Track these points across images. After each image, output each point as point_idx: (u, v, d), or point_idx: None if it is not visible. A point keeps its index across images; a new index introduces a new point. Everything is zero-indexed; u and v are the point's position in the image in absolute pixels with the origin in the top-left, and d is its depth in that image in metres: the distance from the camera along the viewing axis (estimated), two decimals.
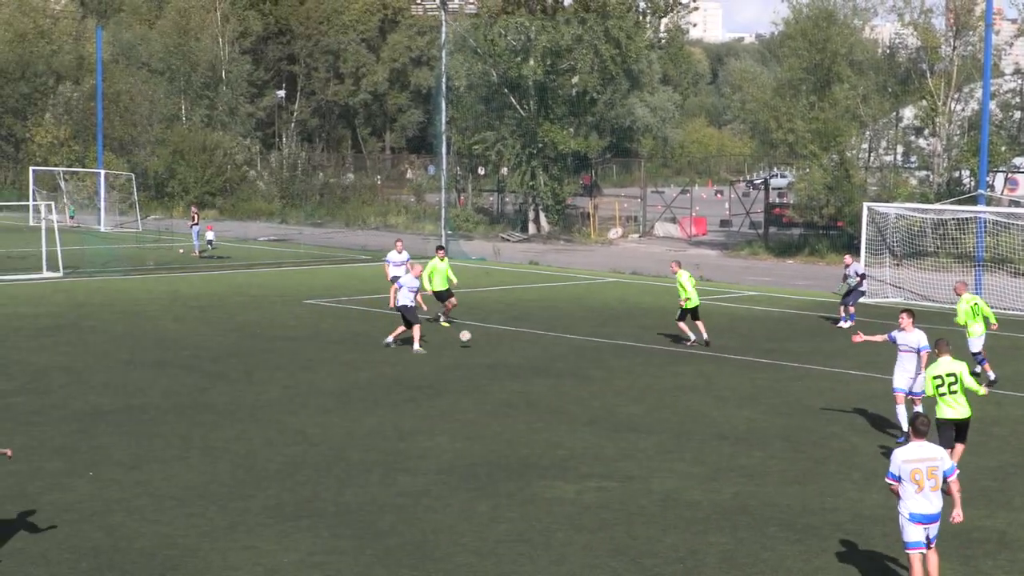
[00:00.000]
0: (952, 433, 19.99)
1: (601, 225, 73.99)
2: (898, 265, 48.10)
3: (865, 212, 47.06)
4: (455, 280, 37.13)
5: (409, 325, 32.48)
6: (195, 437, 22.72)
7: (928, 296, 44.52)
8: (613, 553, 16.73)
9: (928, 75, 59.04)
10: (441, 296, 36.72)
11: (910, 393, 23.08)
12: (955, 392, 19.99)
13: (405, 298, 32.56)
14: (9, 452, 16.99)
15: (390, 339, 32.83)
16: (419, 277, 33.67)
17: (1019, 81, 59.10)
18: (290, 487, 19.61)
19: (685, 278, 33.81)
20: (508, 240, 69.42)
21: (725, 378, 29.52)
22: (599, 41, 68.41)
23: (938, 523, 14.82)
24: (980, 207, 46.28)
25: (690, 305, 33.86)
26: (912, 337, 23.36)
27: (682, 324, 34.15)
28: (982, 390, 20.69)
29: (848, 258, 40.60)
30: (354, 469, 20.72)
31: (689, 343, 33.86)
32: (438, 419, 24.66)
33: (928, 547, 14.82)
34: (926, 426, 15.03)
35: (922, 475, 14.64)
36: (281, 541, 17.03)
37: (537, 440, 22.96)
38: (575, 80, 70.64)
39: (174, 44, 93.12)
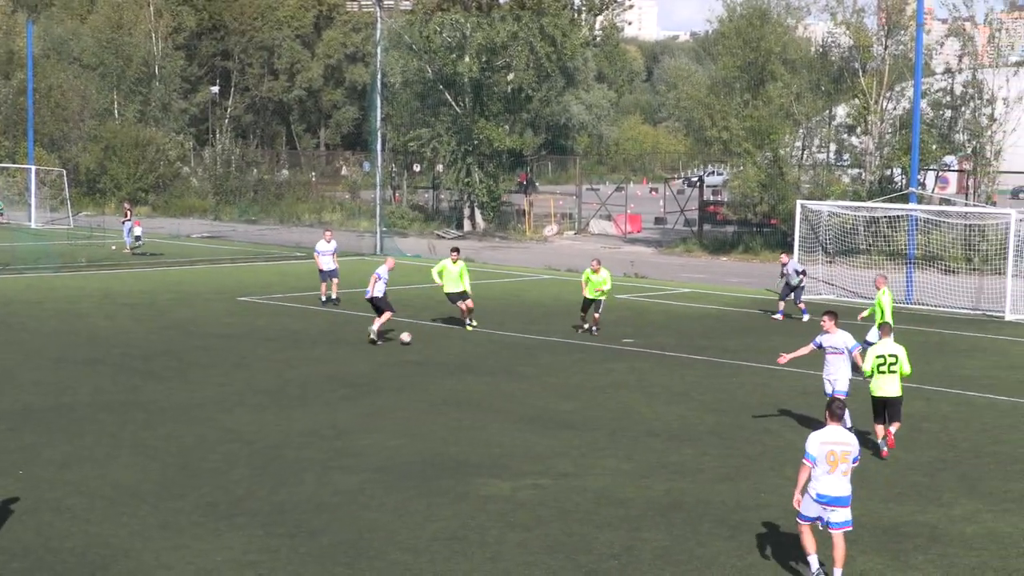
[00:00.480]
0: (882, 409, 22.17)
1: (536, 222, 74.10)
2: (831, 262, 48.47)
3: (798, 210, 47.42)
4: (468, 283, 36.37)
5: (380, 312, 33.05)
6: (126, 436, 22.56)
7: (861, 293, 44.86)
8: (548, 550, 16.77)
9: (860, 74, 59.48)
10: (453, 298, 36.16)
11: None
12: (893, 372, 22.01)
13: (379, 290, 33.09)
14: None
15: (373, 333, 33.02)
16: (391, 270, 34.25)
17: (949, 80, 59.55)
18: (224, 486, 19.51)
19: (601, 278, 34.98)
20: (443, 237, 69.36)
21: (658, 375, 29.66)
22: (534, 38, 68.48)
23: (843, 509, 15.63)
24: (912, 205, 46.69)
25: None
26: (838, 339, 23.45)
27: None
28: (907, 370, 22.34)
29: (784, 256, 41.09)
30: (289, 467, 20.64)
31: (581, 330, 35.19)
32: (374, 417, 24.61)
33: (829, 529, 15.66)
34: (841, 410, 16.09)
35: (836, 457, 15.55)
36: (214, 540, 16.94)
37: (472, 438, 22.97)
38: (510, 77, 70.69)
39: (106, 39, 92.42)
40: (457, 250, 37.20)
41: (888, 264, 48.83)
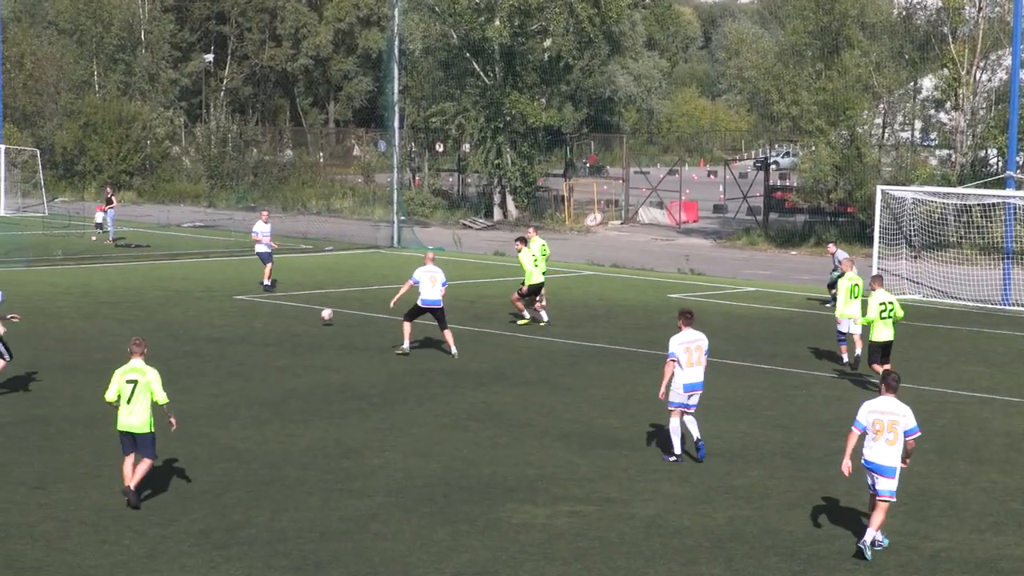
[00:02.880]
0: (880, 351, 28.40)
1: (577, 210, 74.07)
2: (916, 257, 48.26)
3: (879, 196, 47.21)
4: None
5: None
6: (108, 453, 22.58)
7: (950, 293, 44.72)
8: None
9: (950, 40, 59.27)
10: (535, 290, 36.91)
11: (683, 406, 23.03)
12: (889, 318, 28.41)
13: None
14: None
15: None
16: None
17: None
18: (218, 510, 19.55)
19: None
20: (470, 227, 69.41)
21: (718, 387, 29.53)
22: None
23: (888, 479, 18.03)
24: (1010, 191, 46.43)
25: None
26: (691, 336, 23.14)
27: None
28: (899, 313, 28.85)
29: (832, 246, 41.11)
30: (292, 490, 20.68)
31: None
32: (388, 433, 24.62)
33: (876, 498, 18.14)
34: (896, 382, 18.56)
35: (882, 426, 18.08)
36: (208, 572, 16.97)
37: (503, 457, 22.96)
38: (547, 44, 70.63)
39: (84, 1, 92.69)
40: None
41: (982, 259, 48.61)
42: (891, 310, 28.38)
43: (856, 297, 31.57)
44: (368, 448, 23.42)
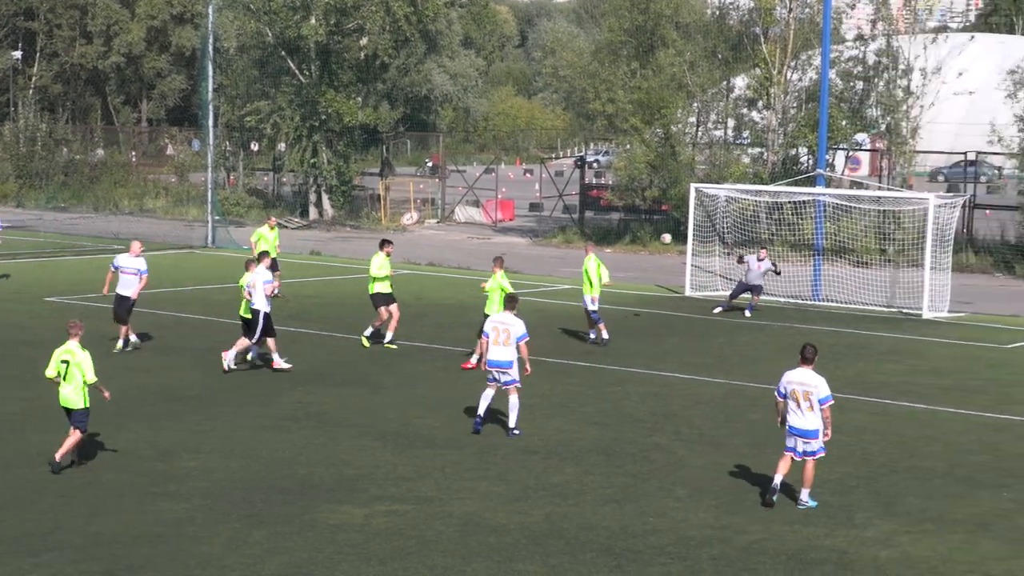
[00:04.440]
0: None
1: (394, 209, 74.00)
2: (729, 254, 48.97)
3: (692, 194, 47.88)
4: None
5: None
6: None
7: (765, 288, 45.46)
8: None
9: (762, 40, 60.18)
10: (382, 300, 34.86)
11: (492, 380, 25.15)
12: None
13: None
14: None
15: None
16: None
17: (861, 48, 60.50)
18: (31, 516, 19.27)
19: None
20: (286, 226, 68.97)
21: (534, 384, 29.75)
22: None
23: (814, 440, 20.26)
24: (819, 189, 47.32)
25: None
26: (504, 317, 25.38)
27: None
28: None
29: (763, 252, 41.95)
30: (105, 494, 20.45)
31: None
32: (206, 435, 24.45)
33: (803, 457, 20.36)
34: (812, 354, 20.50)
35: (798, 395, 20.20)
36: None
37: (320, 458, 22.92)
38: (363, 42, 70.44)
39: None
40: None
41: (793, 256, 49.54)
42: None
43: (598, 275, 34.94)
44: (184, 450, 23.23)
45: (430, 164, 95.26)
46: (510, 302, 25.90)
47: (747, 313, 40.57)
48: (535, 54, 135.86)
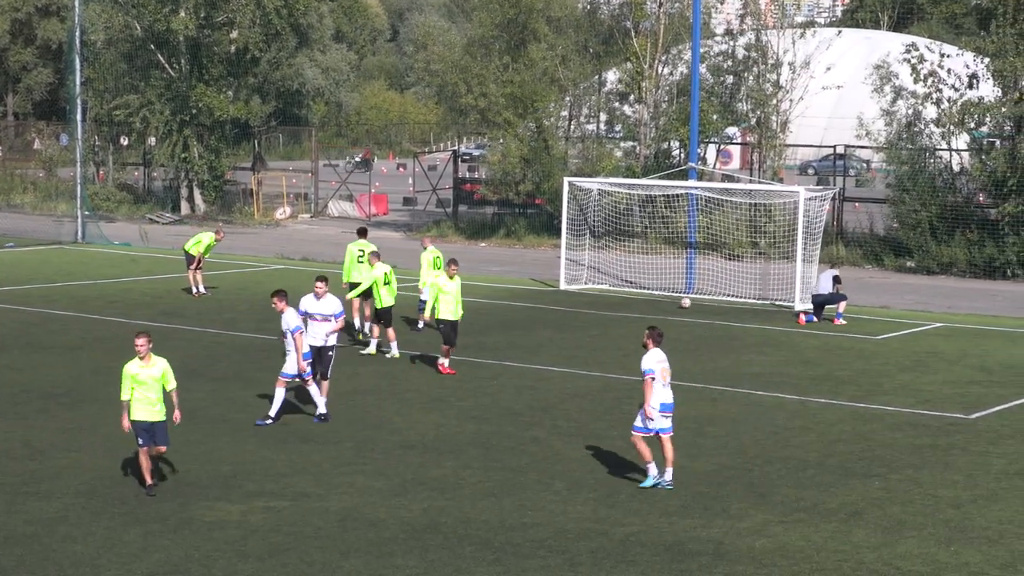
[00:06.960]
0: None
1: (266, 204, 73.49)
2: (600, 247, 49.10)
3: (566, 188, 47.97)
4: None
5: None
6: None
7: (636, 282, 45.74)
8: None
9: (633, 34, 60.51)
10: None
11: (300, 377, 25.35)
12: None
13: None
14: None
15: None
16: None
17: (730, 43, 60.99)
18: None
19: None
20: (157, 222, 68.30)
21: (411, 379, 29.76)
22: None
23: (670, 414, 21.08)
24: (691, 182, 47.67)
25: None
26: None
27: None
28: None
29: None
30: None
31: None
32: (77, 433, 24.15)
33: (661, 435, 20.98)
34: (660, 336, 21.62)
35: (664, 372, 21.24)
36: None
37: (195, 455, 22.71)
38: (234, 35, 69.90)
39: None
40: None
41: (667, 249, 49.84)
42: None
43: (438, 268, 35.43)
44: (55, 448, 22.92)
45: (359, 158, 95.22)
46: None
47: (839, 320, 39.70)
48: (407, 48, 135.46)
